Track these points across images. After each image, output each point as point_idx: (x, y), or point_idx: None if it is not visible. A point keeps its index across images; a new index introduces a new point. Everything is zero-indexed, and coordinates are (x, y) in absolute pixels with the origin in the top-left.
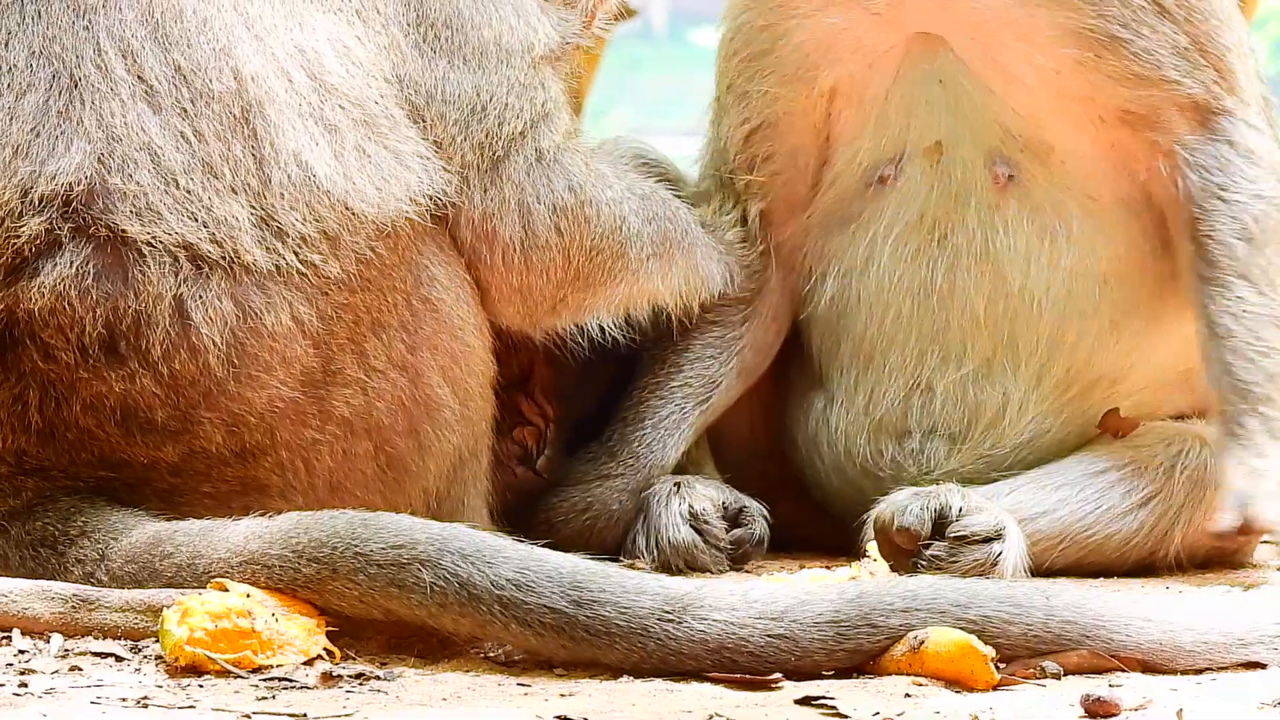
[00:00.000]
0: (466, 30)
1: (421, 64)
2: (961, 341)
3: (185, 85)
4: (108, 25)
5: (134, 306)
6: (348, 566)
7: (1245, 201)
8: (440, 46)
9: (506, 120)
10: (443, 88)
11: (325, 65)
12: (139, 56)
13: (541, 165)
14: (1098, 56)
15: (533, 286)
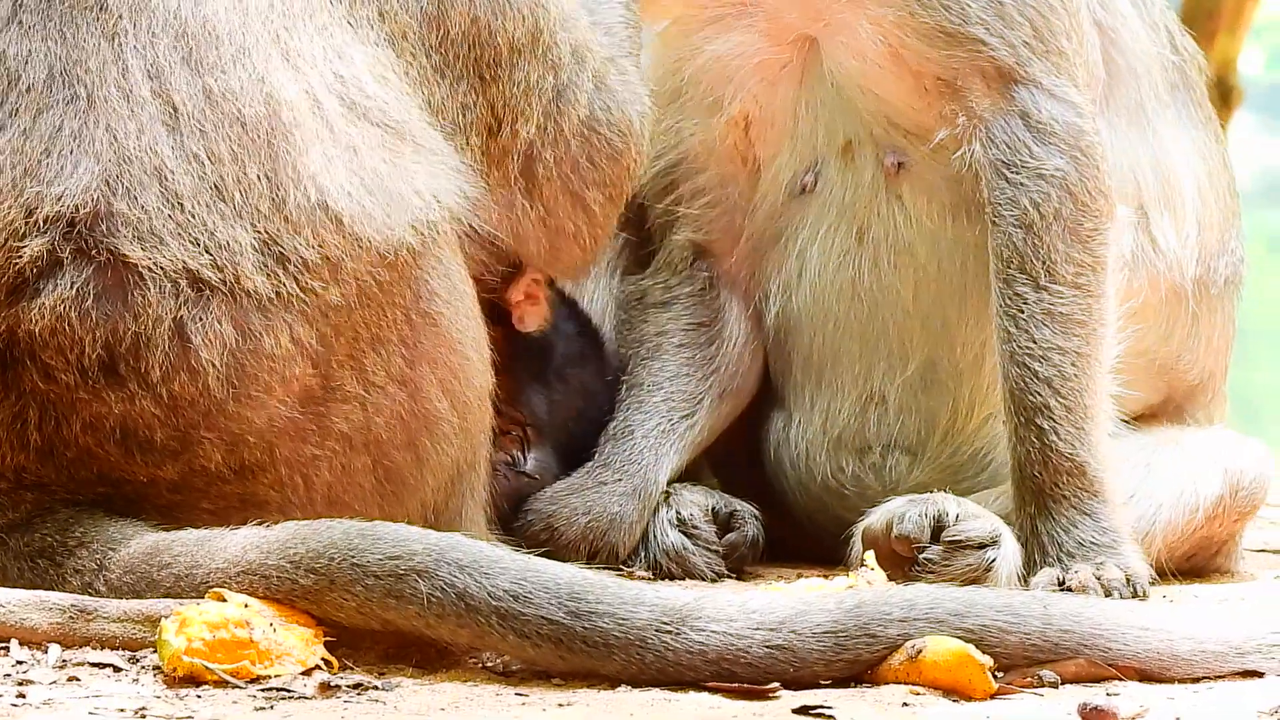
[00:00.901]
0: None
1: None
2: (900, 340)
3: (213, 109)
4: (138, 47)
5: (133, 328)
6: (345, 577)
7: (1026, 182)
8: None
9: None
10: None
11: (365, 90)
12: (168, 79)
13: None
14: (911, 14)
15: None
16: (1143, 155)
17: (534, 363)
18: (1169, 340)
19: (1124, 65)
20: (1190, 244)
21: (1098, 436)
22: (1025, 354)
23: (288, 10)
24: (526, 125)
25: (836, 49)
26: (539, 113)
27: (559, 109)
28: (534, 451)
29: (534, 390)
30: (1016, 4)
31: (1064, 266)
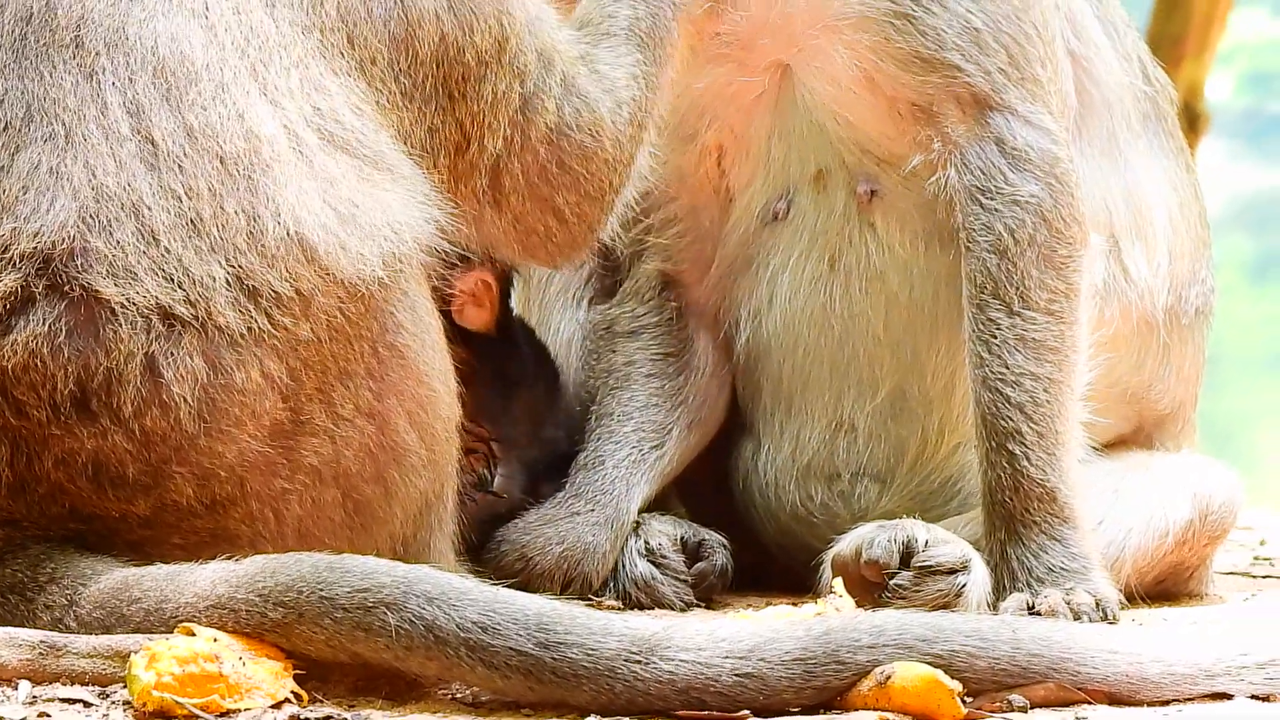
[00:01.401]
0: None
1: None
2: (870, 368)
3: (193, 145)
4: (117, 84)
5: (105, 364)
6: (314, 610)
7: (1001, 209)
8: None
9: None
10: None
11: (342, 121)
12: (148, 116)
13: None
14: (887, 39)
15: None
16: (1115, 185)
17: (494, 379)
18: (1140, 369)
19: (1097, 95)
20: (1162, 274)
21: (1068, 463)
22: (998, 379)
23: (264, 44)
24: (494, 139)
25: (810, 76)
26: (505, 124)
27: (525, 118)
28: (500, 468)
29: (495, 407)
30: (992, 31)
31: (1037, 292)
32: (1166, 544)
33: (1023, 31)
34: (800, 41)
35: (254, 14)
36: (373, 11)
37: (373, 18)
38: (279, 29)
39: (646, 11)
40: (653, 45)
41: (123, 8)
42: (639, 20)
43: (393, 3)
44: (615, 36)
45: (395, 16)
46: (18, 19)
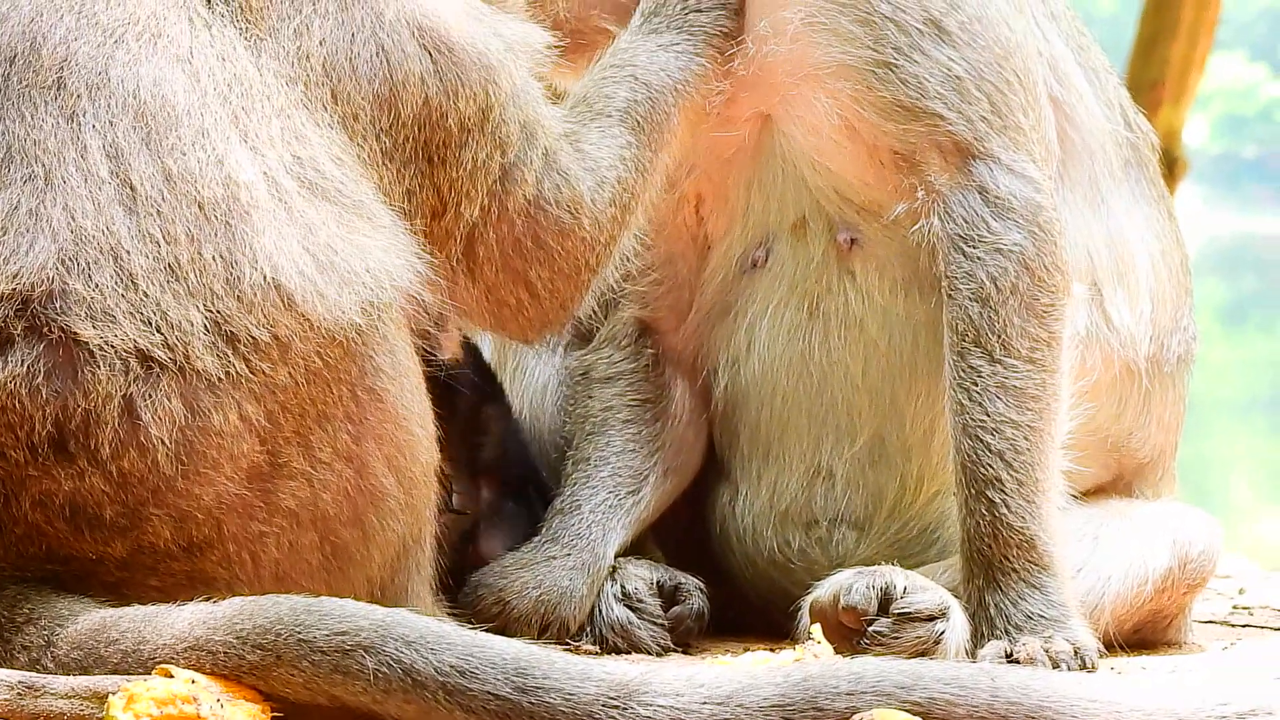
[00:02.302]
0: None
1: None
2: (849, 415)
3: (171, 190)
4: (97, 127)
5: (83, 406)
6: (292, 653)
7: (984, 257)
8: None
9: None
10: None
11: (322, 171)
12: (127, 159)
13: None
14: (869, 88)
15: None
16: (1097, 232)
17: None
18: (1121, 418)
19: (1079, 142)
20: (1144, 321)
21: (1048, 511)
22: (978, 426)
23: (246, 92)
24: (470, 207)
25: (791, 125)
26: (484, 193)
27: (504, 189)
28: (455, 486)
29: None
30: (974, 79)
31: (1019, 341)
32: (1146, 592)
33: (1004, 79)
34: (781, 91)
35: (238, 62)
36: (357, 69)
37: (357, 75)
38: (262, 78)
39: (646, 96)
40: (648, 129)
41: (106, 50)
42: (636, 104)
43: (378, 62)
44: (609, 117)
45: (380, 75)
46: (2, 59)
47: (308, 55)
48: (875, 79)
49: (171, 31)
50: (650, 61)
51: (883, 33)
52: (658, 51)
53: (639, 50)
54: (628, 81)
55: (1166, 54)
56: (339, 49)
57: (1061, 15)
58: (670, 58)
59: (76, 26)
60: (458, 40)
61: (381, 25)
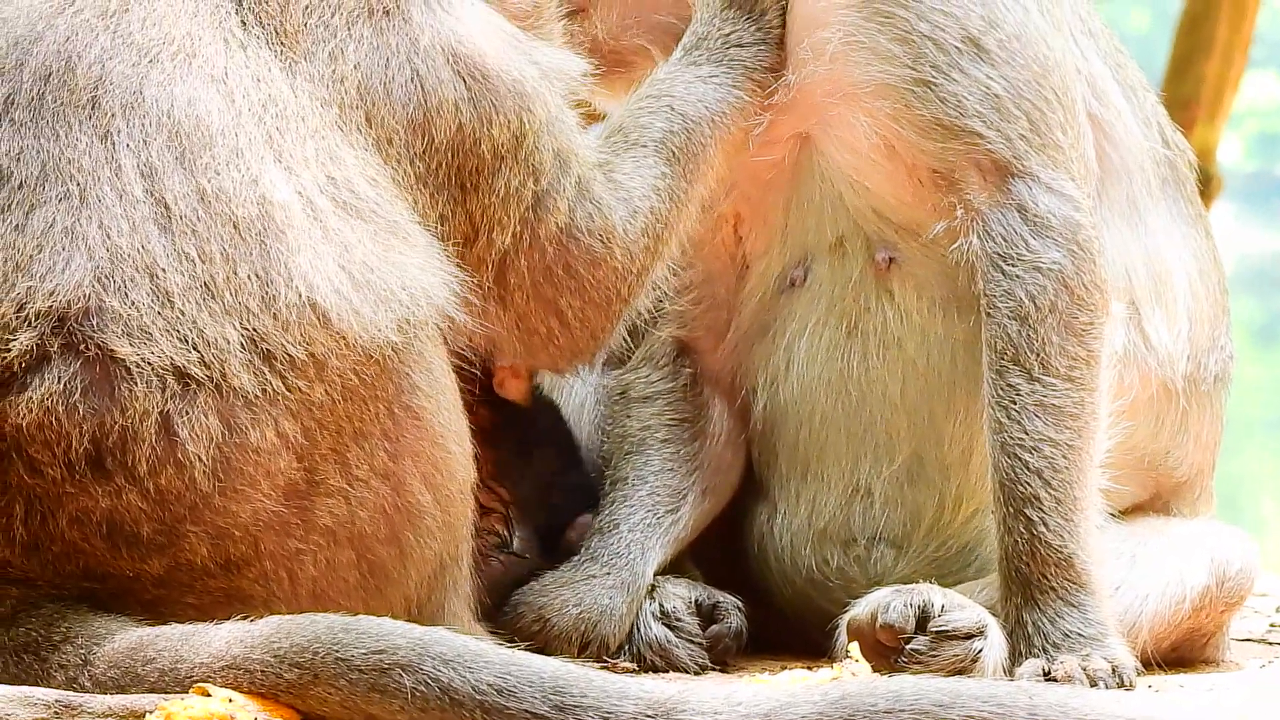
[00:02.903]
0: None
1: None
2: (888, 434)
3: (206, 209)
4: (131, 146)
5: (120, 423)
6: (329, 671)
7: (1022, 275)
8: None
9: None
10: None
11: (357, 191)
12: (161, 179)
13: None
14: (907, 107)
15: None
16: (1135, 251)
17: (513, 440)
18: (1158, 437)
19: (1117, 160)
20: (1181, 340)
21: (1086, 529)
22: (1016, 445)
23: (281, 113)
24: (502, 234)
25: (830, 145)
26: (516, 221)
27: (536, 216)
28: (518, 529)
29: (516, 468)
30: (1013, 97)
31: (1058, 359)
32: (1183, 610)
33: (1043, 97)
34: (820, 111)
35: (273, 83)
36: (392, 94)
37: (391, 99)
38: (297, 99)
39: (682, 127)
40: (684, 160)
41: (141, 70)
42: (673, 134)
43: (413, 87)
44: (644, 148)
45: (414, 101)
46: (37, 77)
47: (342, 79)
48: (914, 98)
49: (206, 52)
50: (688, 92)
51: (921, 51)
52: (695, 83)
53: (677, 81)
54: (664, 112)
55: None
56: (373, 73)
57: (1099, 33)
58: (709, 89)
59: (111, 46)
60: (493, 67)
61: (416, 51)
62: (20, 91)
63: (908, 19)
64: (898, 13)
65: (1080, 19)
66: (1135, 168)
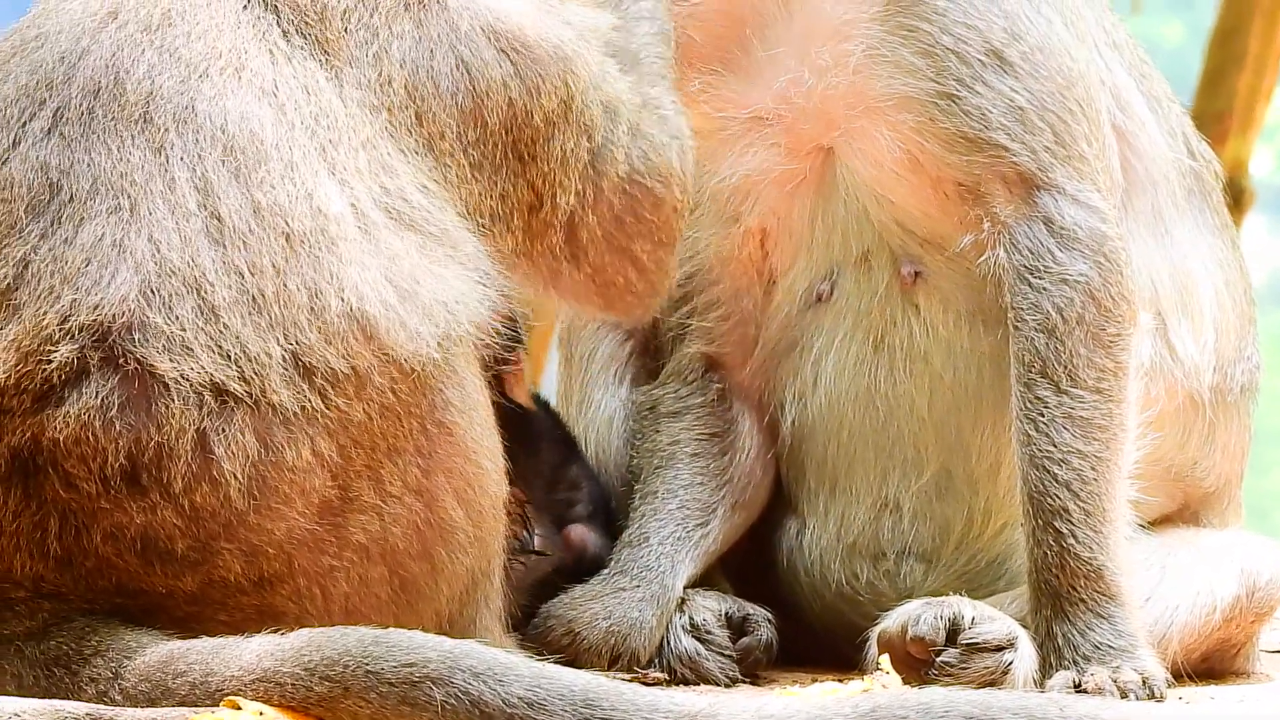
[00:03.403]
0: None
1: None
2: (915, 448)
3: (259, 222)
4: (185, 160)
5: (156, 438)
6: (360, 684)
7: (1049, 287)
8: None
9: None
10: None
11: (409, 200)
12: (216, 192)
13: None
14: (931, 120)
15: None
16: (1160, 262)
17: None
18: (1185, 448)
19: (1142, 171)
20: (1208, 351)
21: (1115, 540)
22: (1045, 457)
23: (333, 124)
24: (566, 195)
25: (853, 158)
26: (577, 180)
27: (596, 171)
28: (537, 528)
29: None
30: (1037, 109)
31: (1086, 371)
32: (1214, 621)
33: (1067, 109)
34: (842, 124)
35: (322, 95)
36: (440, 86)
37: (440, 92)
38: (347, 109)
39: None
40: (670, 78)
41: (191, 85)
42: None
43: (460, 75)
44: (664, 79)
45: (463, 89)
46: (85, 92)
47: (389, 80)
48: (938, 111)
49: (254, 65)
50: (656, 8)
51: (945, 64)
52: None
53: None
54: (657, 38)
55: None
56: (420, 68)
57: (1124, 44)
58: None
59: (159, 61)
60: (532, 37)
61: (458, 37)
62: (69, 106)
63: (931, 32)
64: (921, 26)
65: (1105, 30)
66: (1160, 178)
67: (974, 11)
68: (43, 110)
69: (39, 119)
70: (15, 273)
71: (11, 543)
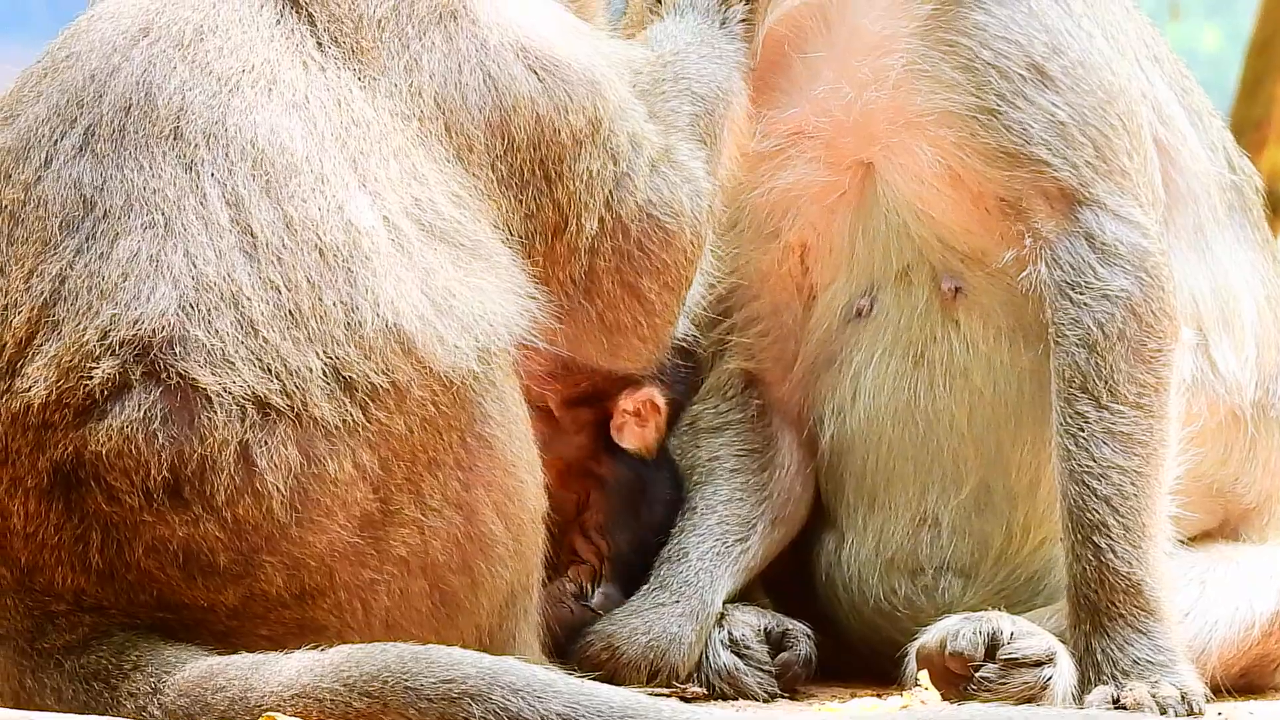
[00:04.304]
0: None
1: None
2: (955, 463)
3: (292, 237)
4: (216, 176)
5: (199, 451)
6: (398, 701)
7: (1091, 303)
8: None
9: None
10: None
11: (441, 212)
12: (247, 207)
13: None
14: (972, 135)
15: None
16: (1202, 277)
17: (633, 492)
18: (1226, 464)
19: (1183, 186)
20: (1249, 367)
21: (1155, 556)
22: (1084, 472)
23: (364, 135)
24: (590, 218)
25: (894, 173)
26: (600, 204)
27: (618, 198)
28: (603, 586)
29: (623, 522)
30: (1078, 124)
31: (1126, 386)
32: (1253, 636)
33: (1109, 123)
34: (882, 139)
35: (354, 104)
36: (468, 99)
37: (468, 105)
38: (378, 118)
39: (705, 110)
40: (710, 143)
41: (222, 99)
42: (698, 118)
43: (487, 90)
44: (683, 131)
45: (490, 103)
46: (117, 109)
47: (420, 91)
48: (979, 126)
49: (286, 77)
50: (700, 72)
51: (985, 79)
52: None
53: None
54: (687, 95)
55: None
56: (448, 80)
57: (1164, 58)
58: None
59: (191, 76)
60: (562, 57)
61: (487, 52)
62: (101, 123)
63: (971, 47)
64: (961, 40)
65: (1145, 44)
66: (1201, 193)
67: (1015, 26)
68: (74, 128)
69: (70, 137)
70: (52, 289)
71: (53, 556)
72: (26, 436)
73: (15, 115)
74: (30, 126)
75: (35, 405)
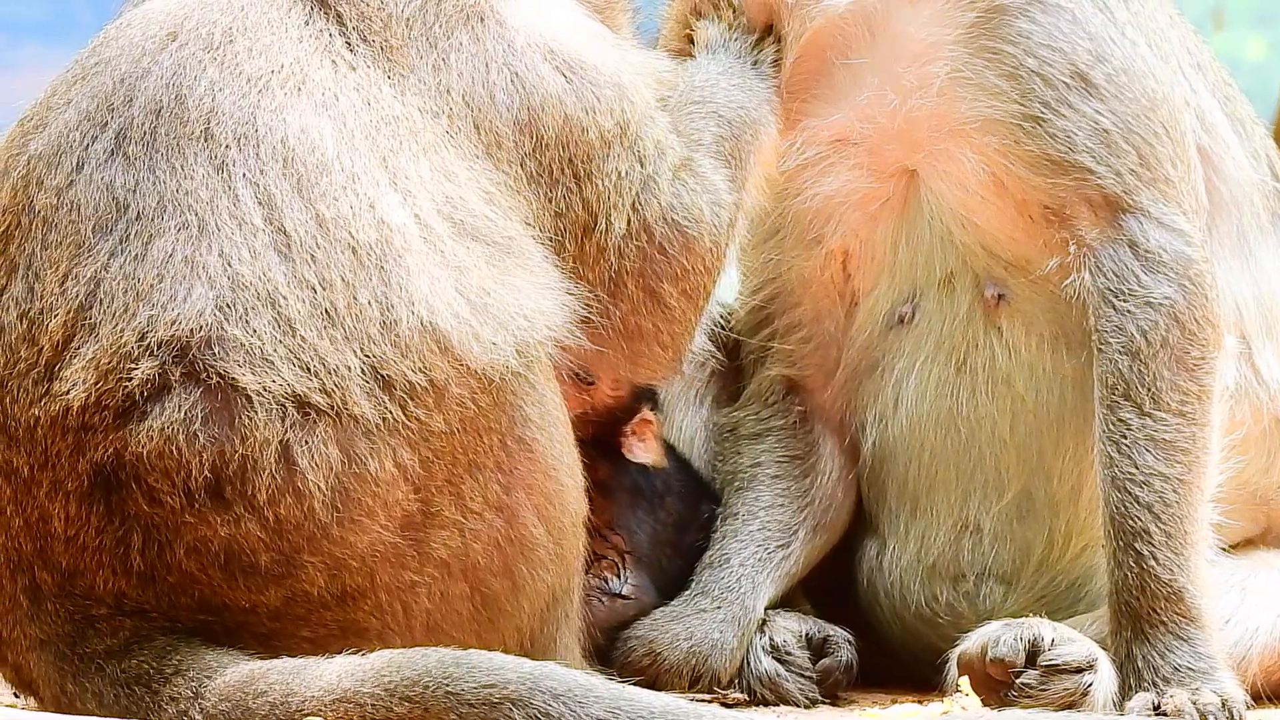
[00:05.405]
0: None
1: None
2: (997, 470)
3: (324, 236)
4: (247, 176)
5: (240, 451)
6: (440, 705)
7: (1134, 310)
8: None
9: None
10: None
11: (472, 209)
12: (279, 206)
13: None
14: (1016, 142)
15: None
16: (1245, 285)
17: (636, 491)
18: (1270, 471)
19: (1226, 194)
20: None
21: (1197, 563)
22: (1126, 479)
23: (394, 133)
24: (619, 218)
25: (937, 180)
26: (628, 205)
27: (643, 200)
28: (630, 576)
29: (634, 518)
30: (1122, 131)
31: (1169, 394)
32: None
33: (1152, 131)
34: (926, 146)
35: (384, 102)
36: (495, 98)
37: (495, 103)
38: (408, 116)
39: (731, 134)
40: (734, 165)
41: (252, 100)
42: (724, 140)
43: (515, 89)
44: (707, 148)
45: (518, 102)
46: (147, 112)
47: (448, 89)
48: (1023, 133)
49: (316, 76)
50: (729, 99)
51: (1029, 86)
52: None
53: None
54: (713, 118)
55: None
56: (476, 79)
57: (1208, 66)
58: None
59: (220, 77)
60: (589, 60)
61: (513, 52)
62: (132, 126)
63: (1015, 54)
64: (1005, 48)
65: (1188, 51)
66: (1245, 201)
67: (1058, 34)
68: (105, 132)
69: (101, 141)
70: (87, 291)
71: (94, 560)
72: (66, 439)
73: (46, 122)
74: (61, 132)
75: (74, 408)
